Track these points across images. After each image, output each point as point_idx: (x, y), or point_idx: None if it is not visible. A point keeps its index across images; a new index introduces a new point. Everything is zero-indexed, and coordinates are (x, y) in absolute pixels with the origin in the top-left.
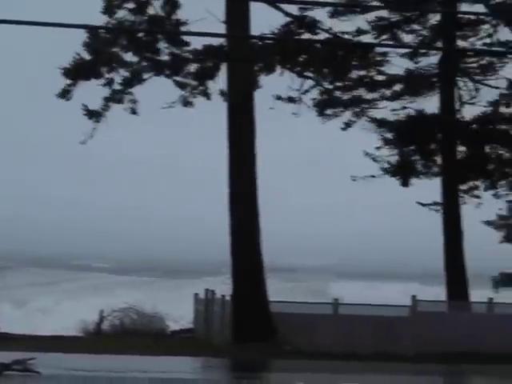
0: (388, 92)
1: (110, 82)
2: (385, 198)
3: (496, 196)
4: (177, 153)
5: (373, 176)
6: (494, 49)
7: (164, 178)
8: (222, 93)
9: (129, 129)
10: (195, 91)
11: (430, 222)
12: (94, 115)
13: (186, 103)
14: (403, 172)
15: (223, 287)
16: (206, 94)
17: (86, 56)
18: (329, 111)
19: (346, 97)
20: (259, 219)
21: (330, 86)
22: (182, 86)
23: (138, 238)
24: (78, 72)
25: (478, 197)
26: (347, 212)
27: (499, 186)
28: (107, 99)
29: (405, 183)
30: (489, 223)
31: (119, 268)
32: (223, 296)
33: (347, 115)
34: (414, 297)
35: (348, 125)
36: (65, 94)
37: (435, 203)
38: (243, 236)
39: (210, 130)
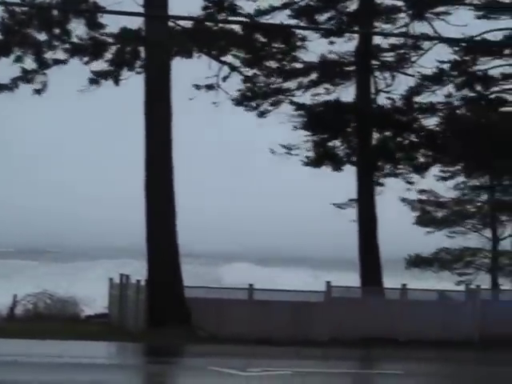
0: (305, 80)
1: (19, 59)
2: (301, 184)
3: (408, 182)
4: (93, 136)
5: (289, 152)
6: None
7: (81, 161)
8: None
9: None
10: (111, 75)
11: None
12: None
13: (101, 79)
14: (320, 160)
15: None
16: (117, 80)
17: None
18: (249, 103)
19: (264, 87)
20: (175, 204)
21: (249, 73)
22: (98, 72)
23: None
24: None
25: (381, 184)
26: (261, 198)
27: (410, 171)
28: (17, 78)
29: (318, 164)
30: (405, 200)
31: (23, 252)
32: (138, 281)
33: (266, 105)
34: (328, 283)
35: (263, 113)
36: None
37: (351, 200)
38: (159, 221)
39: (126, 115)
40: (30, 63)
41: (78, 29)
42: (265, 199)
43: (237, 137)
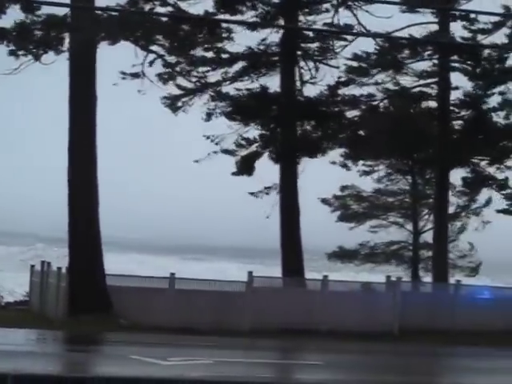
0: (231, 70)
1: None
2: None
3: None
4: (18, 123)
5: (214, 152)
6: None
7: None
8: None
9: None
10: (34, 57)
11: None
12: None
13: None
14: (246, 164)
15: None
16: (38, 58)
17: None
18: (178, 102)
19: (191, 78)
20: (97, 192)
21: (173, 60)
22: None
23: None
24: None
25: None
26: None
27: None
28: None
29: (248, 169)
30: (325, 202)
31: None
32: (59, 268)
33: (195, 101)
34: (250, 273)
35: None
36: None
37: (266, 188)
38: (81, 208)
39: (52, 101)
40: None
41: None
42: (184, 189)
43: (160, 125)
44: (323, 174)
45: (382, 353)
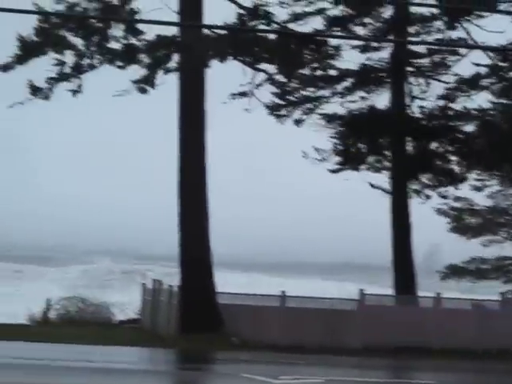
0: (339, 87)
1: (59, 64)
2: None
3: (441, 192)
4: (126, 141)
5: (322, 159)
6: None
7: (114, 166)
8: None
9: (76, 114)
10: (146, 80)
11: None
12: (38, 91)
13: (141, 89)
14: (353, 164)
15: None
16: (152, 84)
17: (34, 38)
18: (282, 111)
19: (297, 94)
20: (208, 209)
21: (283, 80)
22: (133, 75)
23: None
24: (25, 51)
25: (424, 193)
26: (287, 203)
27: (444, 181)
28: (53, 79)
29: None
30: (439, 211)
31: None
32: (171, 286)
33: (299, 113)
34: (361, 290)
35: (299, 122)
36: (7, 68)
37: (383, 189)
38: (192, 226)
39: (161, 120)
40: (65, 67)
41: (115, 35)
42: (288, 205)
43: (268, 143)
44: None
45: (497, 372)
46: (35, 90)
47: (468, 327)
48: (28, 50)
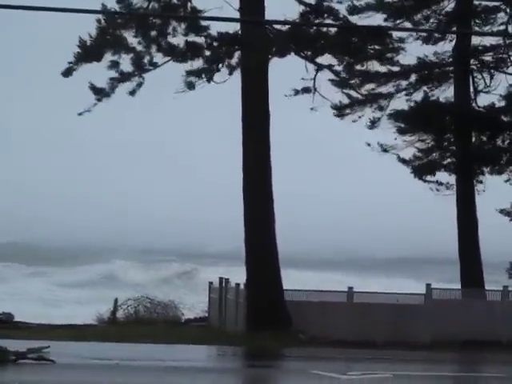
0: (404, 83)
1: (115, 65)
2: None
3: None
4: (190, 140)
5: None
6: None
7: (178, 167)
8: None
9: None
10: (207, 77)
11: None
12: (99, 92)
13: (196, 77)
14: (424, 168)
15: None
16: (211, 78)
17: (93, 39)
18: (347, 110)
19: (362, 91)
20: (273, 205)
21: (346, 77)
22: (195, 72)
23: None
24: (84, 53)
25: (481, 182)
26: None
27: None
28: (114, 79)
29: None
30: (504, 212)
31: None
32: (237, 284)
33: (365, 112)
34: (428, 285)
35: (373, 123)
36: (68, 72)
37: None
38: (258, 223)
39: (223, 119)
40: (126, 66)
41: (176, 32)
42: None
43: (331, 138)
44: (502, 185)
45: None
46: (97, 92)
47: None
48: (88, 53)
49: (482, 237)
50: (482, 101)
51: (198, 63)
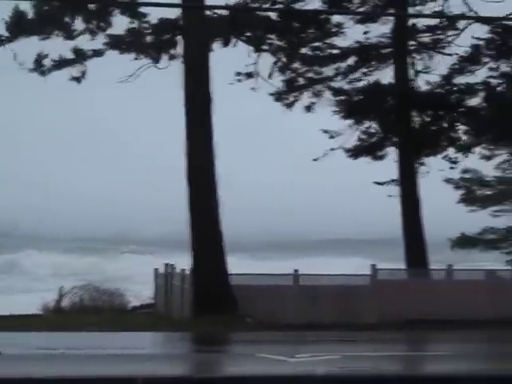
0: (343, 66)
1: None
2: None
3: (450, 161)
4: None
5: (332, 149)
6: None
7: (119, 154)
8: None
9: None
10: (150, 63)
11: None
12: (40, 71)
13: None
14: (365, 150)
15: None
16: (154, 64)
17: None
18: (288, 95)
19: (302, 75)
20: (218, 191)
21: (287, 61)
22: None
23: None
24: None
25: (423, 164)
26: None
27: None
28: (57, 62)
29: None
30: (449, 181)
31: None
32: (183, 270)
33: (306, 95)
34: (373, 265)
35: (313, 106)
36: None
37: (392, 180)
38: (202, 207)
39: (166, 105)
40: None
41: (117, 20)
42: (298, 184)
43: (274, 123)
44: (443, 162)
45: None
46: (37, 66)
47: (482, 297)
48: (25, 28)
49: (425, 217)
50: (422, 81)
51: (139, 50)
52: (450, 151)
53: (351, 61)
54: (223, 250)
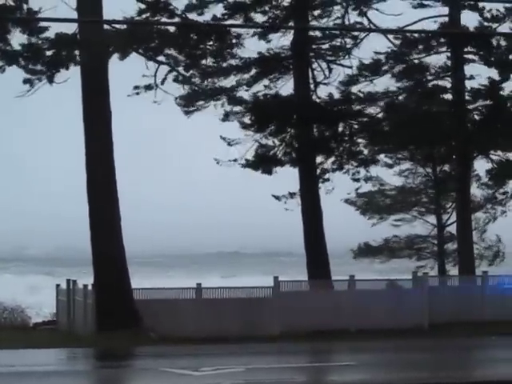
0: (244, 77)
1: None
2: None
3: (349, 174)
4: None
5: (233, 160)
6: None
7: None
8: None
9: None
10: (48, 78)
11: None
12: None
13: (35, 78)
14: (264, 162)
15: None
16: (51, 80)
17: None
18: (191, 106)
19: (203, 85)
20: (118, 205)
21: (186, 73)
22: (34, 73)
23: None
24: None
25: (326, 180)
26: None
27: (351, 164)
28: None
29: (267, 171)
30: (348, 201)
31: None
32: (85, 285)
33: (207, 106)
34: (276, 277)
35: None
36: None
37: (290, 194)
38: (103, 223)
39: (64, 119)
40: None
41: (14, 35)
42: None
43: (174, 135)
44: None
45: (414, 349)
46: None
47: (382, 307)
48: None
49: (327, 227)
50: (322, 92)
51: (37, 65)
52: (352, 164)
53: (252, 72)
54: (125, 264)
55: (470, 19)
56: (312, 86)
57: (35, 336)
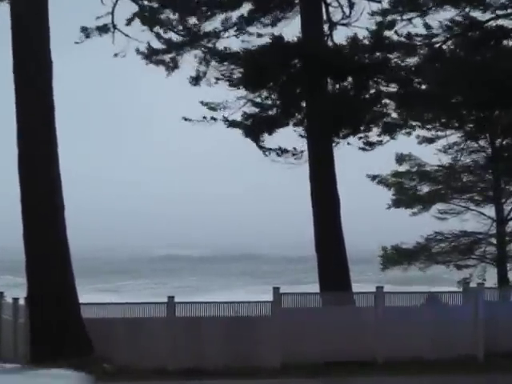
0: (234, 15)
1: None
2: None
3: (369, 144)
4: None
5: (213, 118)
6: None
7: None
8: None
9: None
10: None
11: None
12: None
13: None
14: (258, 127)
15: None
16: None
17: None
18: (160, 56)
19: (179, 29)
20: (61, 189)
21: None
22: None
23: None
24: None
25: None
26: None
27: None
28: None
29: (257, 139)
30: (375, 178)
31: None
32: (15, 299)
33: (184, 58)
34: (276, 289)
35: (197, 76)
36: None
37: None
38: (39, 212)
39: None
40: None
41: None
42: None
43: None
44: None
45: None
46: None
47: (421, 330)
48: None
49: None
50: (340, 36)
51: None
52: (375, 131)
53: (244, 10)
54: (71, 269)
55: None
56: (326, 28)
57: None
